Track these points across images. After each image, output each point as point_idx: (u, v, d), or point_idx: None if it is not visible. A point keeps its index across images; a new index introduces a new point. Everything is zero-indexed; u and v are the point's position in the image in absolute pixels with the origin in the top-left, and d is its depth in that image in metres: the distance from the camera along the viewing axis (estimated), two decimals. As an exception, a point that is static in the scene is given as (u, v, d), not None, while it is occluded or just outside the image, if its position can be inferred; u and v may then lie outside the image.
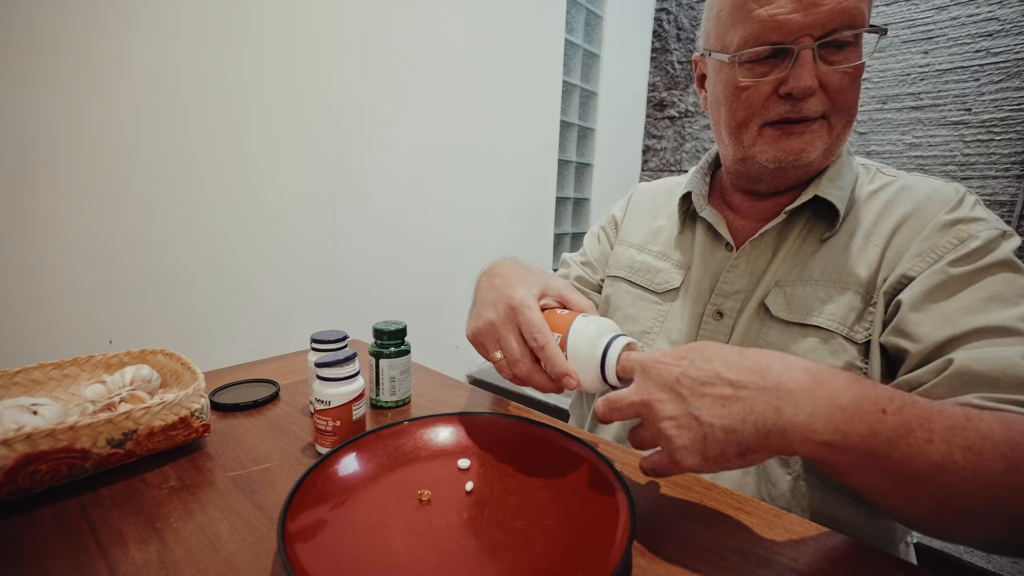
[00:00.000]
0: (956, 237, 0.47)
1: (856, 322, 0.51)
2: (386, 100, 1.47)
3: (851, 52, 0.48)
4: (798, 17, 0.46)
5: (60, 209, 0.92)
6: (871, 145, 2.61)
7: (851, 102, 0.51)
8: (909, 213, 0.51)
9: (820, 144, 0.51)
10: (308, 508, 0.38)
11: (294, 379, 0.73)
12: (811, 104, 0.49)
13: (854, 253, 0.52)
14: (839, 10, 0.46)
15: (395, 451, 0.48)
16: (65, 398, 0.56)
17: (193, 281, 1.11)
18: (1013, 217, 2.30)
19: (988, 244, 0.46)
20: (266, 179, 1.22)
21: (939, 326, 0.44)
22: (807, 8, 0.46)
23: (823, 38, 0.47)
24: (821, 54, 0.48)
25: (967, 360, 0.41)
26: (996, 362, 0.39)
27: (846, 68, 0.48)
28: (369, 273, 1.51)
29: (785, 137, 0.52)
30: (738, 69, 0.51)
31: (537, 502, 0.42)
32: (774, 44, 0.48)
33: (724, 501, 0.45)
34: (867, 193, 0.56)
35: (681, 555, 0.37)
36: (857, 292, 0.51)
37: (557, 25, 2.10)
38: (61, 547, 0.37)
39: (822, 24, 0.46)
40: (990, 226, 0.48)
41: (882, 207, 0.54)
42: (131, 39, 0.97)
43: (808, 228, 0.57)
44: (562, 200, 2.41)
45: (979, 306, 0.44)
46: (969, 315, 0.44)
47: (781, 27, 0.47)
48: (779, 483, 0.53)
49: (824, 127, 0.51)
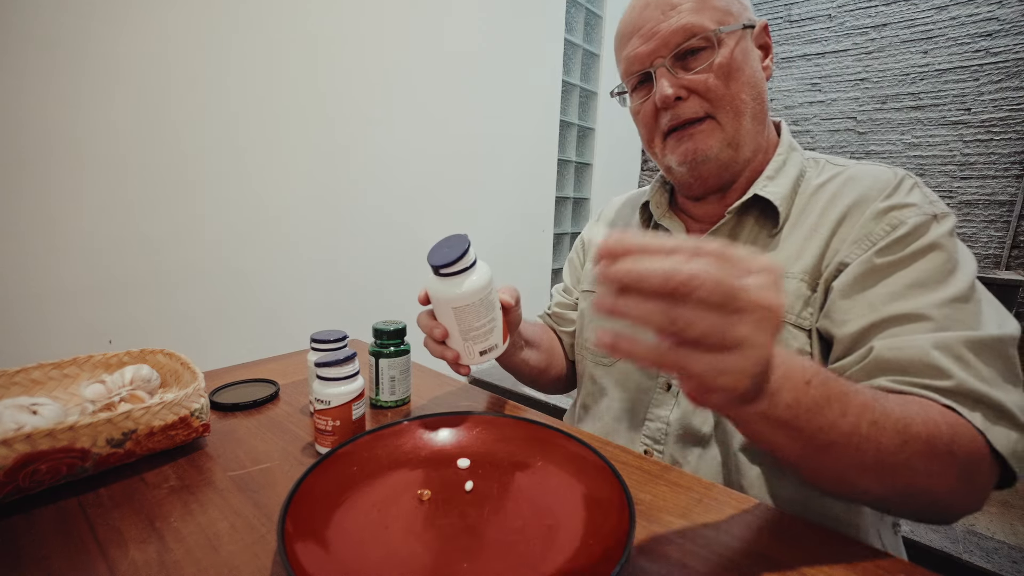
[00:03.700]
0: (889, 224, 0.50)
1: (803, 309, 0.53)
2: (386, 100, 1.47)
3: (708, 55, 0.55)
4: (645, 48, 0.56)
5: (60, 209, 0.92)
6: (871, 145, 2.61)
7: (728, 97, 0.55)
8: (852, 203, 0.54)
9: (715, 141, 0.57)
10: (308, 508, 0.38)
11: (294, 379, 0.73)
12: (686, 108, 0.56)
13: (801, 244, 0.55)
14: (674, 31, 0.54)
15: (395, 451, 0.48)
16: (65, 398, 0.56)
17: (193, 281, 1.11)
18: (1013, 217, 2.30)
19: (916, 230, 0.48)
20: (266, 179, 1.22)
21: (862, 313, 0.47)
22: (649, 39, 0.56)
23: (671, 55, 0.55)
24: (678, 67, 0.56)
25: (882, 349, 0.44)
26: (907, 351, 0.43)
27: (701, 70, 0.55)
28: (369, 273, 1.51)
29: (679, 142, 0.58)
30: (631, 99, 0.63)
31: (537, 502, 0.42)
32: (638, 72, 0.58)
33: (724, 501, 0.45)
34: (814, 187, 0.58)
35: (681, 555, 0.37)
36: (803, 280, 0.53)
37: (557, 25, 2.10)
38: (61, 547, 0.37)
39: (663, 44, 0.55)
40: (920, 211, 0.49)
41: (828, 199, 0.56)
42: (130, 39, 0.97)
43: (759, 226, 0.59)
44: (562, 200, 2.41)
45: (901, 292, 0.46)
46: (891, 302, 0.46)
47: (637, 59, 0.58)
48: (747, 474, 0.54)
49: (713, 125, 0.57)
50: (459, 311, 0.51)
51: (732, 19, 0.55)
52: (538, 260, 2.27)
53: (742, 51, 0.55)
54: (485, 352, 0.55)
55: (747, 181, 0.61)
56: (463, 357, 0.55)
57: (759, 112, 0.58)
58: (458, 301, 0.51)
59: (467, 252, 0.50)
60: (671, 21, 0.54)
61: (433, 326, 0.54)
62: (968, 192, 2.42)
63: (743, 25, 0.55)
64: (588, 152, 2.53)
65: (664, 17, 0.55)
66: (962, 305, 0.45)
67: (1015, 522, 1.52)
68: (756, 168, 0.61)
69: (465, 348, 0.54)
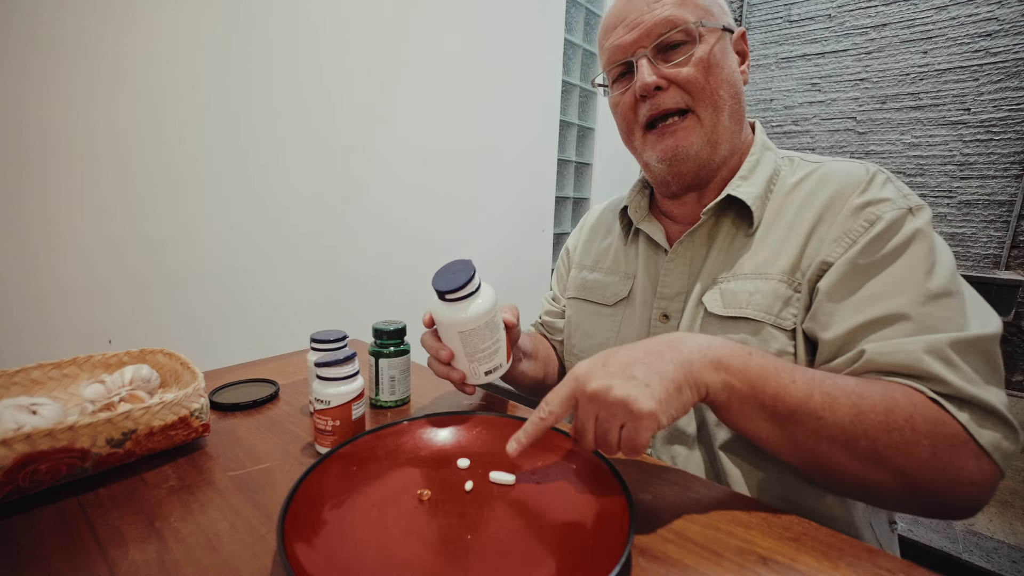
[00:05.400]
0: (866, 220, 0.50)
1: (783, 309, 0.53)
2: (386, 100, 1.47)
3: (688, 48, 0.56)
4: (628, 37, 0.57)
5: (60, 209, 0.92)
6: (870, 145, 2.61)
7: (708, 90, 0.56)
8: (827, 201, 0.54)
9: (695, 137, 0.57)
10: (308, 508, 0.39)
11: (294, 379, 0.73)
12: (665, 99, 0.57)
13: (779, 244, 0.55)
14: (657, 22, 0.56)
15: (395, 451, 0.48)
16: (64, 398, 0.56)
17: (193, 281, 1.11)
18: (1012, 217, 2.30)
19: (893, 225, 0.49)
20: (266, 179, 1.22)
21: (848, 315, 0.48)
22: (632, 29, 0.57)
23: (652, 45, 0.56)
24: (659, 57, 0.57)
25: (873, 353, 0.45)
26: (897, 355, 0.44)
27: (681, 60, 0.56)
28: (369, 273, 1.51)
29: (660, 137, 0.59)
30: (611, 91, 0.63)
31: (537, 502, 0.42)
32: (620, 63, 0.59)
33: (724, 501, 0.45)
34: (789, 185, 0.58)
35: (681, 555, 0.37)
36: (781, 280, 0.54)
37: (557, 25, 2.10)
38: (61, 547, 0.37)
39: (647, 35, 0.56)
40: (895, 205, 0.50)
41: (804, 197, 0.56)
42: (130, 39, 0.97)
43: (736, 226, 0.59)
44: (561, 200, 2.41)
45: (885, 292, 0.47)
46: (876, 303, 0.47)
47: (620, 49, 0.58)
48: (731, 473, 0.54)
49: (694, 120, 0.57)
50: (465, 335, 0.52)
51: (713, 18, 0.57)
52: (538, 260, 2.27)
53: (721, 50, 0.57)
54: (490, 372, 0.56)
55: (722, 181, 0.61)
56: (469, 377, 0.56)
57: (736, 111, 0.58)
58: (464, 325, 0.52)
59: (472, 278, 0.50)
60: (655, 12, 0.56)
61: (439, 348, 0.55)
62: (968, 192, 2.42)
63: (723, 26, 0.57)
64: (588, 152, 2.53)
65: (648, 9, 0.56)
66: (947, 301, 0.46)
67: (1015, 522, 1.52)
68: (732, 168, 0.61)
69: (471, 369, 0.55)
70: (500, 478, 0.45)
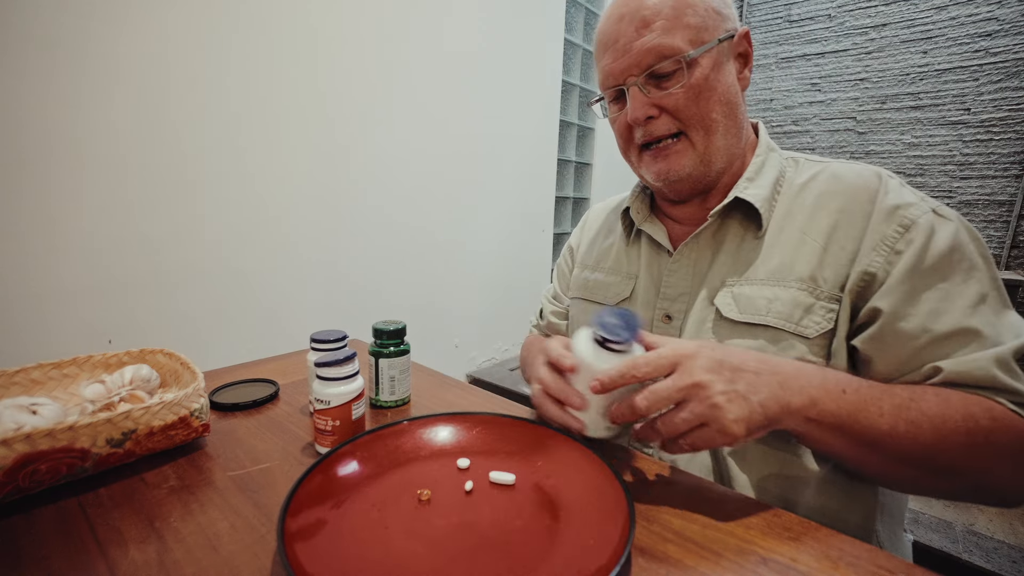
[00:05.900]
0: (900, 225, 0.50)
1: (803, 317, 0.53)
2: (386, 100, 1.47)
3: (679, 76, 0.55)
4: (617, 65, 0.57)
5: (60, 209, 0.92)
6: (871, 145, 2.61)
7: (698, 116, 0.56)
8: (843, 205, 0.54)
9: (687, 160, 0.58)
10: (308, 508, 0.39)
11: (294, 379, 0.73)
12: (657, 127, 0.57)
13: (794, 250, 0.55)
14: (645, 51, 0.54)
15: (395, 451, 0.48)
16: (64, 398, 0.56)
17: (193, 281, 1.11)
18: (1012, 216, 2.30)
19: (930, 232, 0.50)
20: (266, 179, 1.22)
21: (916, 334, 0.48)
22: (622, 56, 0.56)
23: (643, 74, 0.55)
24: (650, 85, 0.56)
25: (950, 373, 0.46)
26: (975, 373, 0.46)
27: (673, 90, 0.55)
28: (369, 273, 1.51)
29: (654, 160, 0.59)
30: (609, 110, 0.63)
31: (537, 502, 0.42)
32: (613, 87, 0.59)
33: (724, 500, 0.45)
34: (797, 186, 0.58)
35: (681, 555, 0.37)
36: (801, 288, 0.53)
37: (557, 25, 2.10)
38: (61, 547, 0.37)
39: (636, 64, 0.55)
40: (923, 208, 0.51)
41: (815, 200, 0.56)
42: (130, 39, 0.97)
43: (743, 228, 0.59)
44: (561, 200, 2.41)
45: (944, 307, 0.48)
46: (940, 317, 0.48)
47: (612, 74, 0.58)
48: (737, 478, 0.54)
49: (686, 143, 0.57)
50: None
51: (707, 35, 0.54)
52: (538, 260, 2.27)
53: (715, 69, 0.55)
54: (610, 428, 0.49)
55: (726, 185, 0.61)
56: (589, 430, 0.49)
57: (732, 127, 0.58)
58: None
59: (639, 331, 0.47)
60: (643, 40, 0.54)
61: (571, 393, 0.48)
62: (968, 192, 2.42)
63: (718, 40, 0.55)
64: (588, 152, 2.53)
65: (637, 35, 0.54)
66: (997, 307, 0.48)
67: (1015, 522, 1.52)
68: (734, 172, 0.61)
69: (595, 421, 0.49)
70: (500, 478, 0.45)
